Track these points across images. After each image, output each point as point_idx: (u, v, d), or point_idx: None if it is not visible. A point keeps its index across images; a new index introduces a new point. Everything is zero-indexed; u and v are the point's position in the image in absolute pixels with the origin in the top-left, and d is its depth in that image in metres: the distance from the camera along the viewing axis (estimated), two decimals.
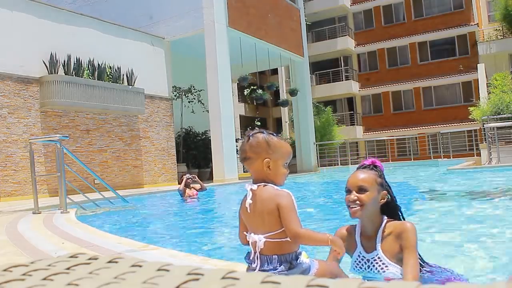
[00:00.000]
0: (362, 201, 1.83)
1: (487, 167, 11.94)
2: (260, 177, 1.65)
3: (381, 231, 1.89)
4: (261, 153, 1.64)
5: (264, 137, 1.66)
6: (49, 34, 11.05)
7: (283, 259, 1.59)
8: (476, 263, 2.64)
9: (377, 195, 1.87)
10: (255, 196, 1.61)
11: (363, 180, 1.86)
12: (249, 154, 1.66)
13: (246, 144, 1.67)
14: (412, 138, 21.47)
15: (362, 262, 1.90)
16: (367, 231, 1.93)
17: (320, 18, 29.49)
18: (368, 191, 1.84)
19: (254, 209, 1.61)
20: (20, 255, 2.98)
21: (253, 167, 1.66)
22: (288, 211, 1.55)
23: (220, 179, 13.05)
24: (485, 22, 26.41)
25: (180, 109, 15.81)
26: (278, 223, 1.57)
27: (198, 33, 13.93)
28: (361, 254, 1.91)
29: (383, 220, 1.92)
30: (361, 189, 1.84)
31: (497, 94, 15.84)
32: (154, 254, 2.76)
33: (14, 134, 10.13)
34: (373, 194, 1.85)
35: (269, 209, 1.57)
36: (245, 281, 0.40)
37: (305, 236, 1.56)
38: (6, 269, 0.47)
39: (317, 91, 27.16)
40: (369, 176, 1.88)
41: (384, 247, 1.86)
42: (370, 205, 1.85)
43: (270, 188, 1.62)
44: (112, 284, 0.40)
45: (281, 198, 1.58)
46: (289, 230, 1.54)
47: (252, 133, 1.69)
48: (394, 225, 1.89)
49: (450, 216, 4.77)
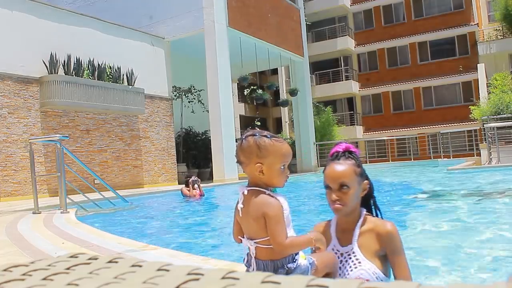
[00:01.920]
0: (344, 201, 1.71)
1: (487, 167, 11.94)
2: (253, 181, 1.59)
3: (359, 225, 1.78)
4: (252, 158, 1.56)
5: (255, 140, 1.57)
6: (49, 34, 11.05)
7: (279, 264, 1.55)
8: (476, 263, 2.64)
9: (358, 187, 1.74)
10: (246, 200, 1.57)
11: (342, 175, 1.71)
12: (241, 159, 1.60)
13: (238, 148, 1.61)
14: (412, 138, 21.47)
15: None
16: (343, 224, 1.81)
17: (320, 18, 29.49)
18: (349, 187, 1.70)
19: (244, 214, 1.57)
20: (20, 255, 2.98)
21: (247, 171, 1.60)
22: (274, 222, 1.49)
23: (220, 179, 13.06)
24: (485, 22, 26.42)
25: (180, 109, 15.81)
26: (265, 230, 1.52)
27: (198, 33, 13.93)
28: (335, 247, 1.79)
29: (361, 213, 1.80)
30: (341, 185, 1.70)
31: (497, 94, 15.84)
32: (154, 254, 2.76)
33: (14, 134, 10.13)
34: (354, 189, 1.71)
35: (255, 216, 1.52)
36: (245, 281, 0.40)
37: (290, 246, 1.51)
38: (6, 269, 0.47)
39: (317, 91, 27.17)
40: (347, 168, 1.72)
41: (361, 242, 1.75)
42: (352, 201, 1.73)
43: (260, 195, 1.55)
44: (112, 284, 0.40)
45: (269, 207, 1.50)
46: (274, 242, 1.49)
47: (244, 136, 1.62)
48: (375, 223, 1.77)
49: (450, 216, 4.76)
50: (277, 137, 1.63)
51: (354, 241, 1.75)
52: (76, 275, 0.43)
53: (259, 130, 1.67)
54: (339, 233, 1.81)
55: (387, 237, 1.71)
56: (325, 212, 6.32)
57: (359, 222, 1.77)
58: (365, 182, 1.78)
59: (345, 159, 1.75)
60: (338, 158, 1.76)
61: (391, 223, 1.75)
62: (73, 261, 0.49)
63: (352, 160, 1.75)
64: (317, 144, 19.97)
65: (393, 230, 1.71)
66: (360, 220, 1.78)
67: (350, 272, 1.71)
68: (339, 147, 1.79)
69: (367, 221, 1.78)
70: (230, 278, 0.41)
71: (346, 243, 1.77)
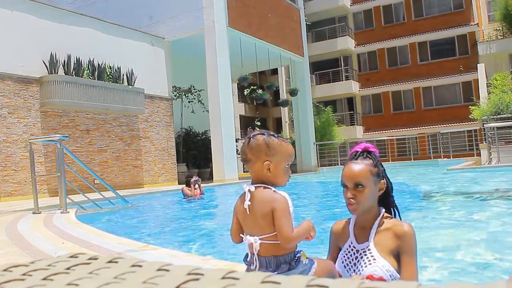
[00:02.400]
0: (358, 199, 1.75)
1: (487, 167, 11.94)
2: (259, 179, 1.64)
3: (377, 223, 1.81)
4: (261, 156, 1.63)
5: (264, 139, 1.64)
6: (49, 34, 11.05)
7: (282, 260, 1.58)
8: (475, 263, 2.64)
9: (374, 187, 1.78)
10: (253, 198, 1.60)
11: (358, 175, 1.75)
12: (249, 156, 1.65)
13: (247, 146, 1.66)
14: (412, 138, 21.48)
15: (351, 253, 1.83)
16: (361, 222, 1.85)
17: (320, 18, 29.49)
18: (364, 186, 1.75)
19: (251, 211, 1.60)
20: (20, 255, 2.98)
21: (253, 168, 1.65)
22: (282, 216, 1.55)
23: (220, 179, 13.05)
24: (485, 22, 26.41)
25: (180, 109, 15.81)
26: (272, 226, 1.57)
27: (198, 33, 13.93)
28: (352, 244, 1.83)
29: (380, 212, 1.84)
30: (356, 184, 1.75)
31: (497, 94, 15.83)
32: (154, 254, 2.76)
33: (14, 134, 10.13)
34: (369, 188, 1.76)
35: (264, 212, 1.57)
36: (245, 281, 0.40)
37: (296, 238, 1.57)
38: (6, 269, 0.47)
39: (317, 91, 27.16)
40: (363, 168, 1.77)
41: (377, 240, 1.79)
42: (368, 200, 1.77)
43: (267, 191, 1.61)
44: (112, 284, 0.40)
45: (277, 203, 1.57)
46: (281, 236, 1.54)
47: (252, 134, 1.67)
48: (393, 223, 1.81)
49: (450, 216, 4.76)
50: (282, 138, 1.71)
51: (370, 238, 1.79)
52: (76, 275, 0.43)
53: (266, 130, 1.73)
54: (357, 231, 1.85)
55: (402, 237, 1.74)
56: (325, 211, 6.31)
57: (377, 221, 1.81)
58: (382, 181, 1.81)
59: (362, 158, 1.80)
60: (356, 158, 1.80)
61: (409, 224, 1.78)
62: (73, 261, 0.49)
63: (370, 160, 1.79)
64: (317, 144, 19.97)
65: (409, 231, 1.74)
66: (378, 219, 1.82)
67: (364, 269, 1.74)
68: (359, 146, 1.84)
69: (385, 221, 1.82)
70: (230, 278, 0.41)
71: (362, 241, 1.81)
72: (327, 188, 10.96)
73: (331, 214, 5.77)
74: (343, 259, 1.83)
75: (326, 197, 8.79)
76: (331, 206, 6.97)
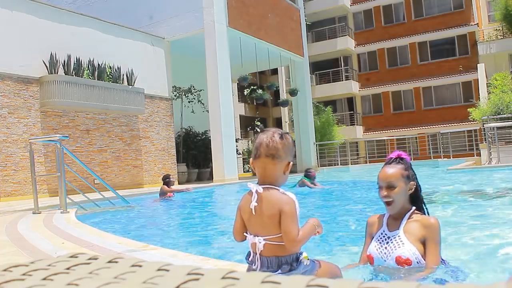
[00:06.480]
0: (390, 197, 2.06)
1: (487, 167, 11.94)
2: (270, 178, 1.61)
3: (408, 216, 2.12)
4: (288, 156, 1.63)
5: (291, 140, 1.67)
6: (49, 34, 11.05)
7: (284, 261, 1.58)
8: (475, 263, 2.64)
9: (405, 187, 2.10)
10: (260, 199, 1.58)
11: (390, 176, 2.08)
12: (280, 153, 1.60)
13: (279, 143, 1.61)
14: (412, 138, 21.48)
15: (383, 238, 2.11)
16: (394, 215, 2.15)
17: (320, 18, 29.49)
18: (396, 187, 2.07)
19: (257, 212, 1.58)
20: (20, 255, 2.98)
21: (274, 167, 1.60)
22: (289, 219, 1.53)
23: (220, 179, 13.05)
24: (485, 22, 26.41)
25: (180, 109, 15.81)
26: (278, 227, 1.56)
27: (198, 33, 13.93)
28: (384, 231, 2.14)
29: (411, 208, 2.14)
30: (389, 185, 2.07)
31: (497, 94, 15.84)
32: (154, 254, 2.76)
33: (14, 134, 10.13)
34: (400, 188, 2.08)
35: (271, 213, 1.55)
36: (245, 281, 0.40)
37: (302, 241, 1.56)
38: (6, 269, 0.47)
39: (317, 91, 27.16)
40: (395, 171, 2.10)
41: (406, 228, 2.08)
42: (399, 198, 2.08)
43: (275, 192, 1.59)
44: (112, 284, 0.40)
45: (285, 204, 1.55)
46: (288, 238, 1.53)
47: (282, 132, 1.66)
48: (422, 216, 2.12)
49: (450, 216, 4.76)
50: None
51: (400, 227, 2.12)
52: (76, 275, 0.43)
53: (281, 130, 1.76)
54: (389, 221, 2.19)
55: (429, 227, 2.07)
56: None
57: (407, 214, 2.15)
58: (412, 183, 2.17)
59: (396, 163, 2.17)
60: (390, 163, 2.18)
61: (435, 218, 2.13)
62: (73, 261, 0.49)
63: (402, 165, 2.17)
64: (317, 144, 19.96)
65: (435, 223, 2.09)
66: (409, 213, 2.15)
67: (394, 251, 2.04)
68: (393, 154, 2.23)
69: (415, 215, 2.16)
70: (230, 278, 0.41)
71: (393, 229, 2.14)
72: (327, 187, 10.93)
73: (331, 214, 5.77)
74: (376, 244, 2.13)
75: (326, 197, 8.78)
76: (331, 206, 6.97)
